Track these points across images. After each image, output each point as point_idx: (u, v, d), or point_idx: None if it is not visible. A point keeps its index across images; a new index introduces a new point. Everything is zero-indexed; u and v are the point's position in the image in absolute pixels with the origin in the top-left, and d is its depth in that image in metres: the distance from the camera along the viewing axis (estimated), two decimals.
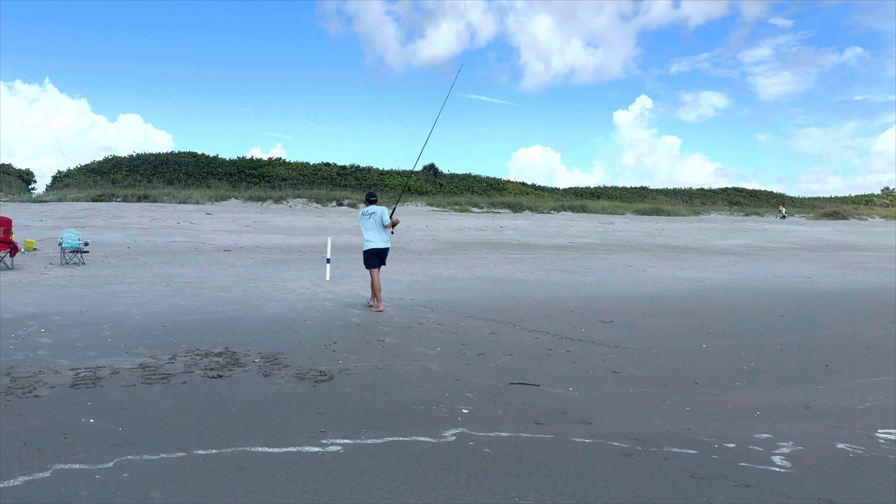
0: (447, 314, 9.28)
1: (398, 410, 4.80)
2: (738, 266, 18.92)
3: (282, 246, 19.31)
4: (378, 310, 9.38)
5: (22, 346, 6.54)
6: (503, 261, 17.54)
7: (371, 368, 6.07)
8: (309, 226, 24.97)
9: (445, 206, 43.29)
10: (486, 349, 7.03)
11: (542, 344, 7.44)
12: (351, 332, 7.87)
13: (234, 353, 6.49)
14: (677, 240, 28.42)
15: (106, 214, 25.62)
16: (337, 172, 52.72)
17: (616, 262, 18.61)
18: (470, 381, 5.70)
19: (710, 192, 64.97)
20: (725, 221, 41.97)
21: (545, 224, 31.32)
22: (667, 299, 11.63)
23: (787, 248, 28.07)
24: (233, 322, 8.18)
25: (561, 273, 15.25)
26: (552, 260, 18.38)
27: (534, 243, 23.61)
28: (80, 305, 8.96)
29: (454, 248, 21.01)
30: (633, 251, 22.54)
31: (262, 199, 39.93)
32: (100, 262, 14.24)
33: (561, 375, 6.02)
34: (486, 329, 8.24)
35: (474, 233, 25.95)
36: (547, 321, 8.98)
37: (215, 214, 27.48)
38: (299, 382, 5.51)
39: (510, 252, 20.37)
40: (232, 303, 9.62)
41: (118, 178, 45.43)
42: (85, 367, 5.76)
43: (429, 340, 7.44)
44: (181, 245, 18.21)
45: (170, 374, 5.62)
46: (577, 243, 24.44)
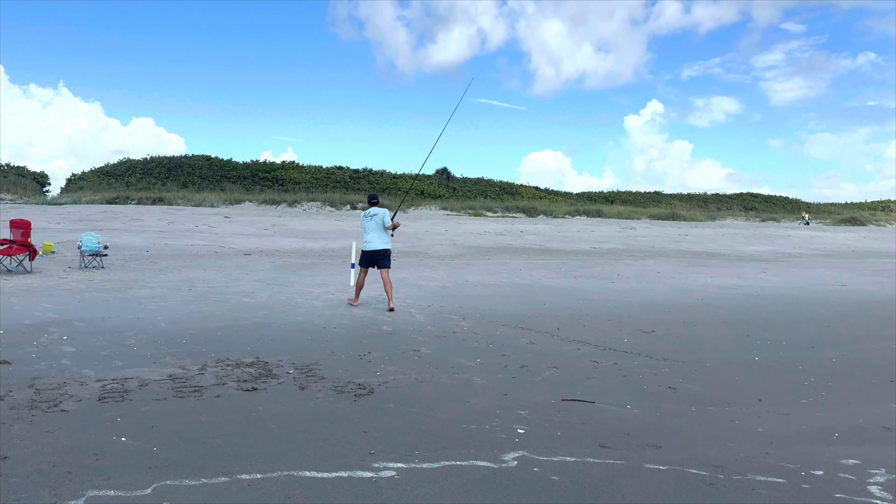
0: (480, 322, 8.95)
1: (449, 429, 4.47)
2: (769, 273, 18.46)
3: (302, 250, 19.07)
4: (353, 303, 9.97)
5: (44, 354, 6.27)
6: (528, 266, 17.19)
7: (411, 381, 5.74)
8: (328, 229, 24.74)
9: (459, 210, 43.03)
10: (528, 361, 6.69)
11: (586, 356, 7.09)
12: (384, 340, 7.55)
13: (265, 364, 6.19)
14: (701, 245, 27.94)
15: (123, 217, 25.53)
16: (350, 176, 52.64)
17: (643, 268, 18.21)
18: (518, 396, 5.36)
19: (724, 198, 64.26)
20: (748, 227, 41.37)
21: (566, 229, 30.93)
22: (703, 307, 11.24)
23: (814, 254, 27.52)
24: (260, 330, 7.89)
25: (589, 279, 14.89)
26: (577, 266, 18.00)
27: (556, 248, 23.23)
28: (102, 311, 8.71)
29: (476, 252, 20.68)
30: (659, 257, 22.11)
31: (277, 202, 39.85)
32: (119, 265, 14.04)
33: (614, 391, 5.66)
34: (523, 339, 7.90)
35: (495, 237, 25.62)
36: (585, 331, 8.62)
37: (233, 218, 27.33)
38: (339, 396, 5.19)
39: (534, 257, 20.01)
40: (257, 309, 9.33)
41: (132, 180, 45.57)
42: (112, 379, 5.48)
43: (466, 351, 7.11)
44: (201, 249, 18.01)
45: (201, 387, 5.32)
46: (600, 249, 24.04)
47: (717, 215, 53.13)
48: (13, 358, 6.05)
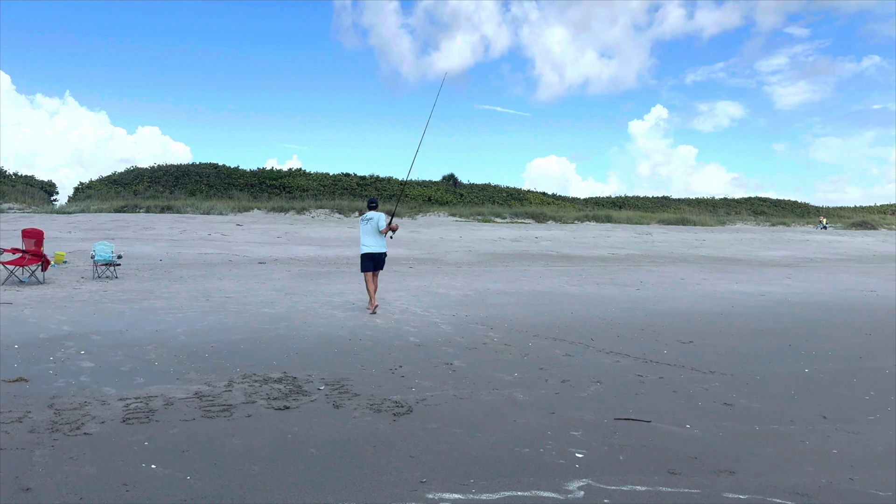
0: (510, 333, 8.64)
1: (502, 453, 4.15)
2: (794, 279, 18.05)
3: (317, 258, 18.80)
4: (371, 308, 9.93)
5: (62, 371, 6.00)
6: (548, 273, 16.86)
7: (450, 398, 5.43)
8: (341, 237, 24.48)
9: (468, 216, 42.78)
10: (569, 375, 6.37)
11: (628, 369, 6.76)
12: (413, 353, 7.24)
13: (294, 379, 5.90)
14: (720, 251, 27.52)
15: (135, 226, 25.36)
16: (357, 183, 52.49)
17: (665, 274, 17.84)
18: (567, 415, 5.04)
19: (732, 202, 63.77)
20: (765, 232, 40.87)
21: (581, 234, 30.57)
22: (736, 316, 10.88)
23: (836, 259, 27.05)
24: (284, 342, 7.60)
25: (613, 287, 14.54)
26: (598, 272, 17.66)
27: (574, 255, 22.89)
28: (118, 323, 8.45)
29: (493, 259, 20.37)
30: (679, 263, 21.73)
31: (285, 209, 39.66)
32: (133, 275, 13.80)
33: (667, 408, 5.33)
34: (558, 350, 7.58)
35: (510, 244, 25.30)
36: (620, 341, 8.29)
37: (246, 226, 27.12)
38: (376, 416, 4.89)
39: (552, 264, 19.68)
40: (278, 320, 9.05)
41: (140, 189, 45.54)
42: (134, 397, 5.19)
43: (501, 364, 6.80)
44: (214, 257, 17.77)
45: (231, 406, 5.03)
46: (618, 255, 23.68)
47: (726, 220, 52.72)
48: (30, 375, 5.78)
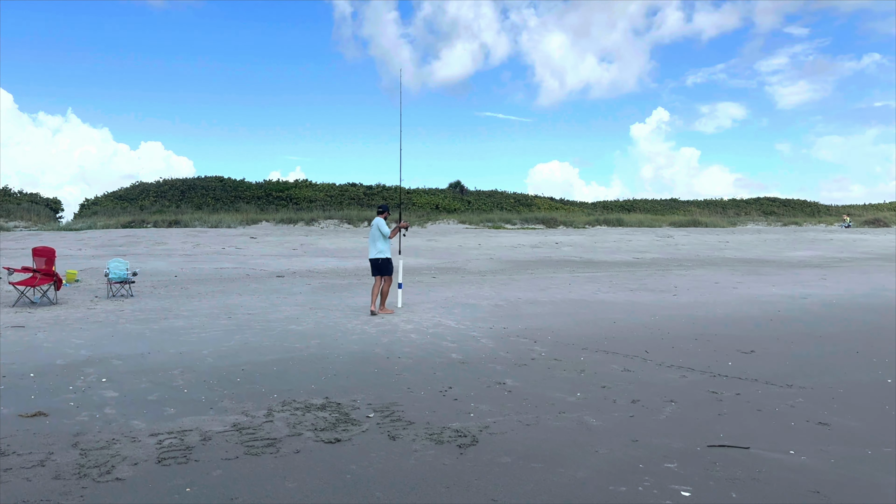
0: (556, 346, 8.11)
1: (594, 493, 3.63)
2: (830, 280, 17.45)
3: (336, 270, 18.35)
4: (372, 311, 10.62)
5: (84, 402, 5.52)
6: (576, 281, 16.33)
7: (515, 425, 4.91)
8: (358, 247, 24.03)
9: (477, 223, 42.38)
10: (637, 394, 5.84)
11: (698, 384, 6.22)
12: (459, 372, 6.73)
13: (339, 405, 5.40)
14: (746, 252, 26.91)
15: (147, 241, 25.00)
16: (364, 192, 52.21)
17: (697, 278, 17.27)
18: (652, 442, 4.51)
19: (741, 203, 63.32)
20: (787, 232, 40.19)
21: (602, 239, 30.00)
22: (787, 321, 10.33)
23: (865, 258, 26.38)
24: (319, 362, 7.11)
25: (647, 293, 13.99)
26: (627, 278, 17.10)
27: (598, 260, 22.34)
28: (139, 346, 7.98)
29: (517, 267, 19.85)
30: (708, 266, 21.14)
31: (294, 221, 39.36)
32: (148, 293, 13.36)
33: (759, 431, 4.80)
34: (614, 365, 7.05)
35: (531, 250, 24.77)
36: (677, 353, 7.75)
37: (259, 238, 26.73)
38: (439, 448, 4.38)
39: (578, 270, 19.14)
40: (308, 338, 8.56)
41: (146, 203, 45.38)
42: (167, 432, 4.70)
43: (558, 382, 6.27)
44: (231, 272, 17.33)
45: (275, 440, 4.53)
46: (643, 259, 23.11)
47: (737, 221, 52.21)
48: (49, 408, 5.30)
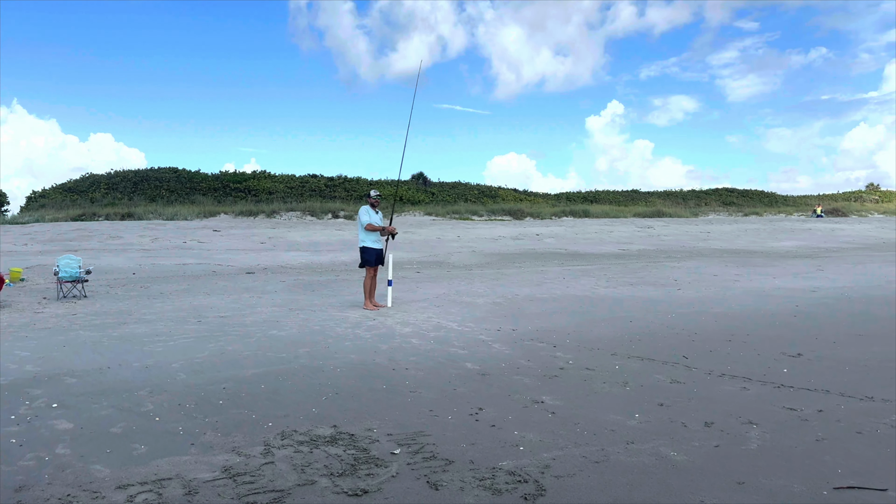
0: (580, 352, 7.25)
1: None
2: (827, 271, 17.04)
3: (311, 265, 17.24)
4: (371, 307, 10.08)
5: (30, 438, 4.44)
6: (569, 274, 15.53)
7: (581, 462, 4.00)
8: (331, 240, 22.92)
9: (444, 215, 41.73)
10: (705, 413, 4.99)
11: (767, 399, 5.40)
12: (483, 387, 5.80)
13: (352, 438, 4.42)
14: (730, 243, 26.55)
15: (100, 235, 23.43)
16: (325, 184, 51.14)
17: (692, 270, 16.64)
18: (762, 484, 3.65)
19: (701, 193, 64.76)
20: (765, 222, 40.25)
21: (583, 230, 29.37)
22: (811, 317, 9.71)
23: (851, 248, 26.27)
24: (314, 377, 6.11)
25: (648, 287, 13.27)
26: (622, 271, 16.39)
27: (584, 252, 21.63)
28: (97, 358, 6.86)
29: (502, 260, 19.00)
30: (698, 257, 20.60)
31: (254, 213, 38.00)
32: (104, 293, 12.11)
33: (876, 462, 3.98)
34: (658, 375, 6.20)
35: (513, 242, 23.97)
36: (718, 358, 6.96)
37: (224, 231, 25.35)
38: (498, 500, 3.44)
39: (567, 263, 18.37)
40: (294, 345, 7.54)
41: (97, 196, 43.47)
42: (139, 482, 3.67)
43: (605, 400, 5.39)
44: (195, 268, 16.10)
45: (282, 491, 3.54)
46: (630, 251, 22.49)
47: (698, 211, 52.88)
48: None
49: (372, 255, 10.34)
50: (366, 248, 10.34)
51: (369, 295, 10.34)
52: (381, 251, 10.49)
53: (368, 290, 10.31)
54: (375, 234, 10.38)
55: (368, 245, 10.34)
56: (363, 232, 10.36)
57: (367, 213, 10.38)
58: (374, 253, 10.36)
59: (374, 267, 10.36)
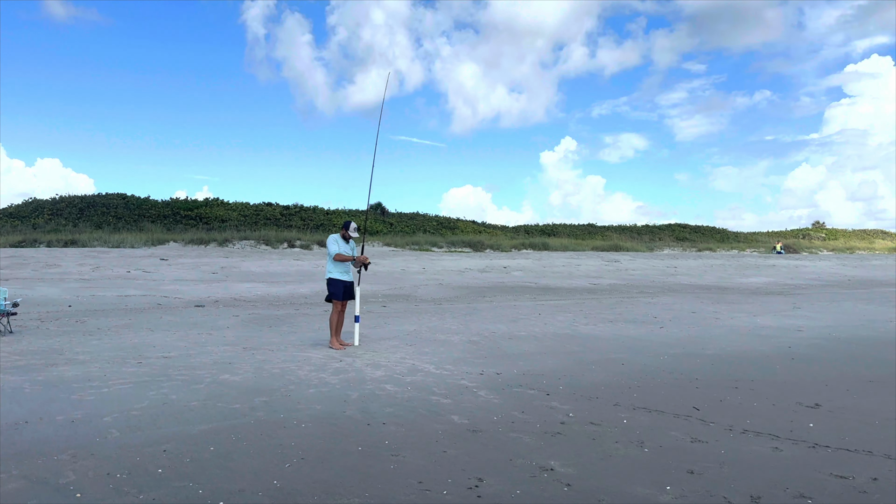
0: (579, 401, 6.51)
1: None
2: (805, 309, 16.77)
3: (267, 297, 16.20)
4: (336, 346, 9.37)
5: None
6: (544, 310, 14.88)
7: None
8: (289, 271, 21.87)
9: (403, 246, 41.37)
10: (746, 484, 4.27)
11: (807, 462, 4.73)
12: (475, 447, 4.99)
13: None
14: (699, 279, 26.39)
15: (35, 263, 21.90)
16: (280, 213, 50.39)
17: (669, 307, 16.17)
18: None
19: (655, 228, 66.66)
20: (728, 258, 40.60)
21: (550, 264, 28.91)
22: (809, 360, 9.24)
23: (819, 285, 26.35)
24: (274, 436, 5.20)
25: (629, 325, 12.68)
26: (597, 307, 15.81)
27: (555, 286, 21.07)
28: (14, 410, 5.83)
29: (471, 294, 18.26)
30: (670, 293, 20.22)
31: (205, 241, 36.82)
32: (34, 328, 10.92)
33: None
34: (674, 432, 5.49)
35: (480, 275, 23.29)
36: (733, 410, 6.31)
37: (172, 260, 24.01)
38: None
39: (539, 298, 17.73)
40: (250, 393, 6.61)
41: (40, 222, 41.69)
42: None
43: (625, 466, 4.64)
44: (139, 300, 14.92)
45: None
46: (600, 285, 22.02)
47: (653, 246, 53.86)
48: None
49: (339, 288, 9.47)
50: (333, 281, 9.48)
51: (335, 332, 9.47)
52: (351, 284, 9.64)
53: (335, 327, 9.44)
54: (344, 265, 9.56)
55: (336, 276, 9.48)
56: (331, 262, 9.56)
57: (335, 242, 9.56)
58: (342, 286, 9.50)
59: (341, 301, 9.49)
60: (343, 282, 9.51)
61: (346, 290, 9.54)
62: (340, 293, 9.48)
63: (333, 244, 9.53)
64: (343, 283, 9.51)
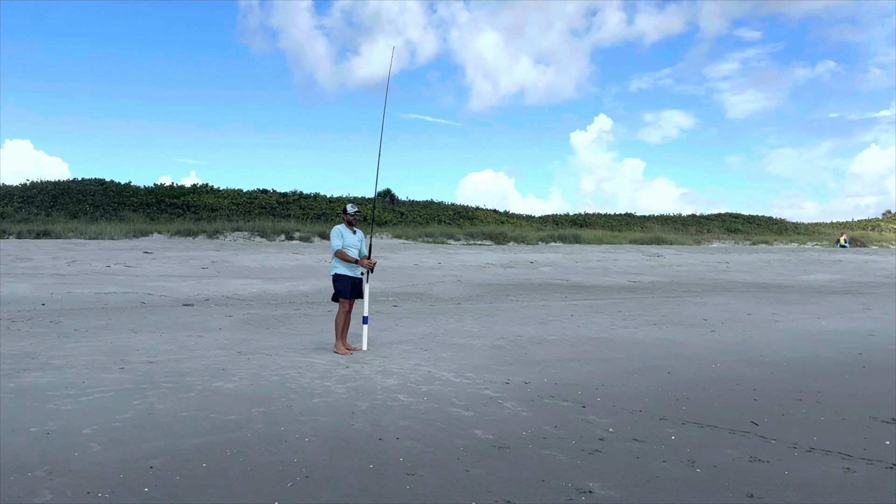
0: (620, 415, 6.48)
1: None
2: (877, 311, 16.58)
3: (263, 295, 16.30)
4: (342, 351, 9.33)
5: None
6: (577, 310, 14.83)
7: None
8: (287, 266, 22.01)
9: (416, 238, 41.47)
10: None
11: (886, 489, 4.66)
12: (503, 466, 4.97)
13: None
14: (755, 276, 26.20)
15: (5, 256, 22.20)
16: (277, 201, 50.55)
17: (721, 308, 16.06)
18: None
19: (702, 219, 65.76)
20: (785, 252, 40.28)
21: (584, 258, 28.88)
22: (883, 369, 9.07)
23: (892, 283, 26.06)
24: (275, 450, 5.22)
25: (675, 327, 12.60)
26: (638, 307, 15.74)
27: (590, 284, 21.02)
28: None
29: (494, 292, 18.27)
30: (723, 292, 20.09)
31: (193, 232, 37.13)
32: (4, 329, 11.06)
33: None
34: (731, 450, 5.43)
35: (504, 271, 23.31)
36: (796, 424, 6.24)
37: (156, 254, 24.23)
38: None
39: (571, 297, 17.69)
40: (247, 403, 6.63)
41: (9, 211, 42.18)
42: None
43: (673, 488, 4.60)
44: (120, 299, 15.06)
45: None
46: (641, 283, 21.94)
47: (702, 238, 53.11)
48: None
49: (347, 285, 9.48)
50: (339, 277, 9.49)
51: (341, 335, 9.49)
52: (360, 281, 9.65)
53: (341, 329, 9.46)
54: None
55: (342, 272, 9.49)
56: (335, 258, 9.59)
57: (339, 235, 9.56)
58: (350, 282, 9.51)
59: (349, 300, 9.50)
60: (351, 278, 9.52)
61: (355, 288, 9.55)
62: (348, 291, 9.48)
63: (337, 238, 9.54)
64: (351, 279, 9.52)
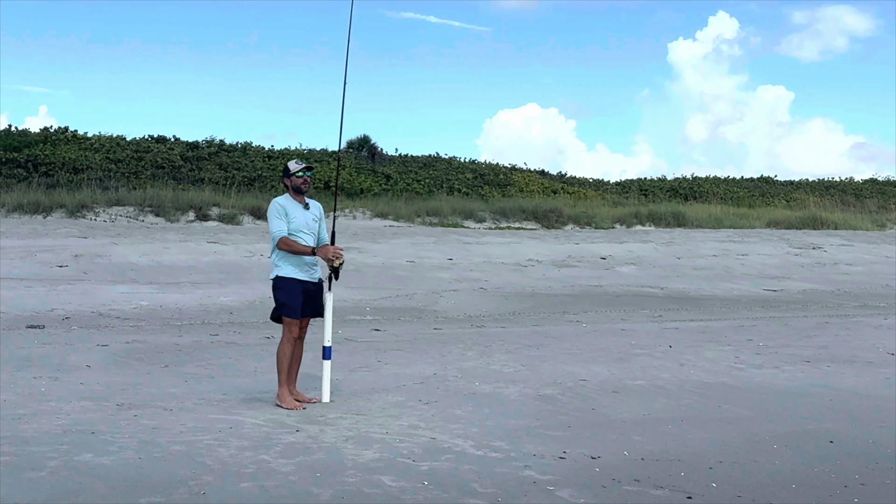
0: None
1: None
2: None
3: (159, 311, 16.65)
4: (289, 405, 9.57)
5: None
6: (679, 338, 15.13)
7: None
8: (199, 263, 22.40)
9: (411, 218, 41.22)
10: None
11: None
12: None
13: None
14: None
15: None
16: (182, 156, 50.23)
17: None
18: None
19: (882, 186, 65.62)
20: None
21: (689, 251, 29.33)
22: None
23: None
24: None
25: (843, 367, 12.93)
26: (780, 332, 16.12)
27: (699, 293, 21.44)
28: None
29: (539, 306, 18.70)
30: None
31: (45, 208, 37.10)
32: None
33: None
34: None
35: (555, 272, 23.76)
36: None
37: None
38: None
39: (668, 315, 18.06)
40: (132, 490, 6.76)
41: None
42: None
43: None
44: None
45: None
46: (787, 292, 22.35)
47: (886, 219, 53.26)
48: None
49: (297, 295, 9.58)
50: (284, 282, 9.59)
51: (288, 377, 9.61)
52: (317, 288, 9.73)
53: (286, 368, 9.58)
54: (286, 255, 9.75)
55: (289, 274, 9.56)
56: (277, 250, 9.64)
57: (281, 212, 9.60)
58: (302, 290, 9.59)
59: (299, 320, 9.60)
60: (303, 283, 9.61)
61: (309, 300, 9.66)
62: (298, 305, 9.58)
63: (278, 217, 9.56)
64: (303, 285, 9.60)
